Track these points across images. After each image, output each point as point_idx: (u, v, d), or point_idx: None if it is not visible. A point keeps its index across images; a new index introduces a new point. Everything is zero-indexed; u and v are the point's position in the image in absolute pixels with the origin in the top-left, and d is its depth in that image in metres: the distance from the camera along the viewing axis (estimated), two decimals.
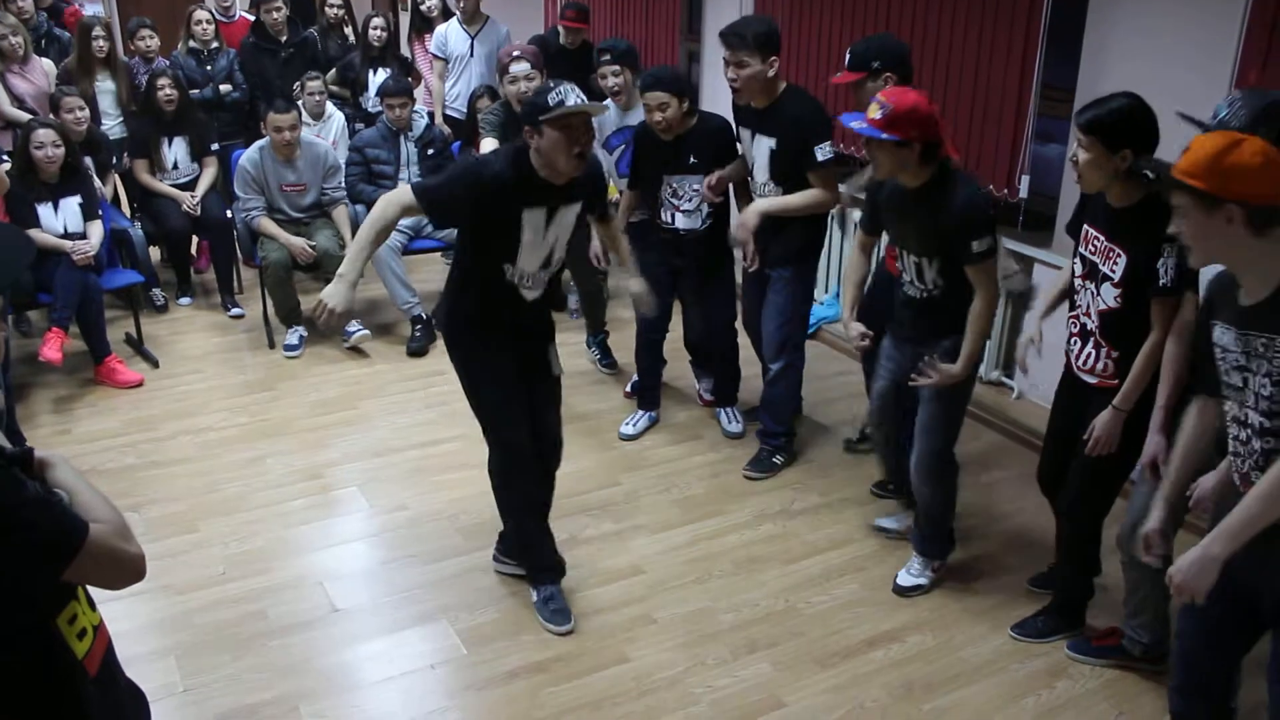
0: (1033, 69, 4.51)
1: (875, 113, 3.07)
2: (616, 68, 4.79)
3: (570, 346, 5.34)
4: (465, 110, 6.22)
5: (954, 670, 3.27)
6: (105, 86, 6.29)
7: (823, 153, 3.95)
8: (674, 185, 4.36)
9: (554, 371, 3.46)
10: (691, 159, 4.30)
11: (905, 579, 3.67)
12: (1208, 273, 2.33)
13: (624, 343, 5.31)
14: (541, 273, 3.25)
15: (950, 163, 3.23)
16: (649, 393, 4.86)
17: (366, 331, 5.64)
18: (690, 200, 4.36)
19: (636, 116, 4.59)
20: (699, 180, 4.31)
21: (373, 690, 3.16)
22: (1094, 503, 3.17)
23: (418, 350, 5.57)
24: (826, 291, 5.95)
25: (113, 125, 6.29)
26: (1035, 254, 4.62)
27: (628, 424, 4.77)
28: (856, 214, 4.77)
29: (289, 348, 5.60)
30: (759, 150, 4.09)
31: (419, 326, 5.64)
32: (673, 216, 4.41)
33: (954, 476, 3.61)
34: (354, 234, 5.83)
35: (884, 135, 3.05)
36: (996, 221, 3.34)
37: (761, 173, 4.13)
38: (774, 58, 3.93)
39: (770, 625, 3.47)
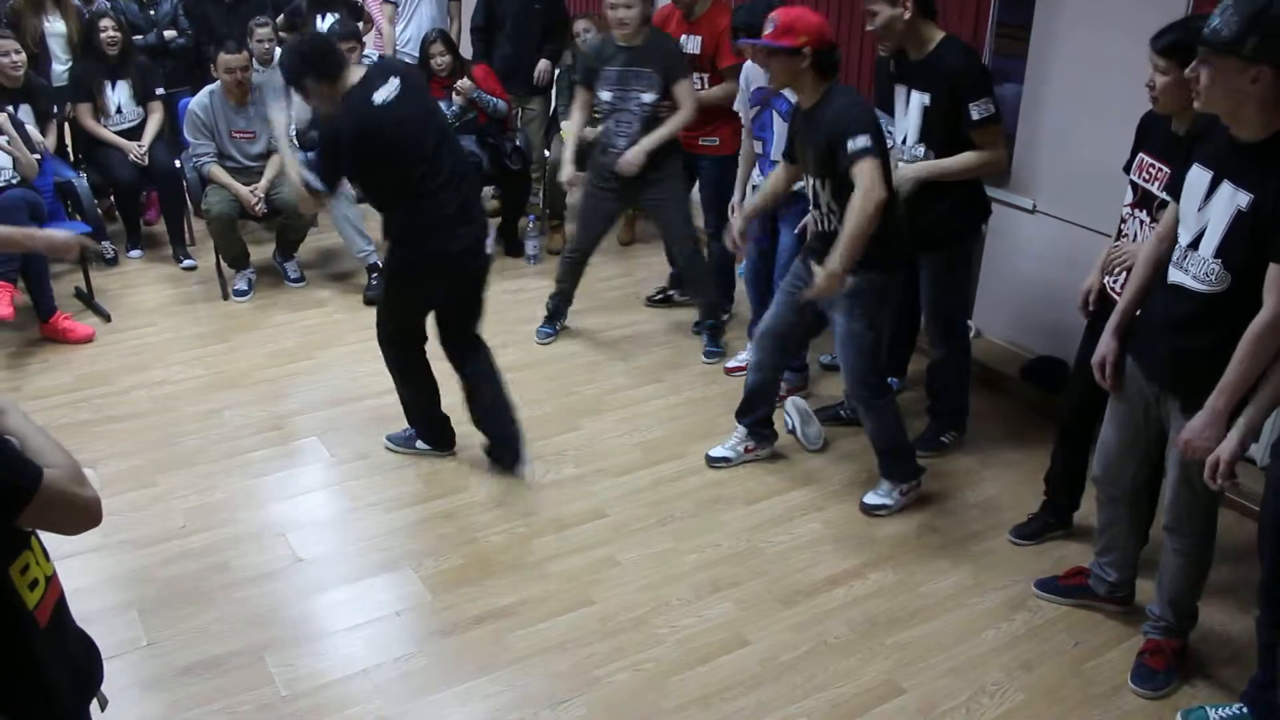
0: (988, 7, 4.49)
1: (768, 28, 3.29)
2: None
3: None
4: (417, 55, 6.11)
5: (915, 605, 3.32)
6: (55, 28, 6.10)
7: (979, 110, 3.56)
8: None
9: None
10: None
11: (872, 498, 3.78)
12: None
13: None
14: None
15: (839, 83, 3.41)
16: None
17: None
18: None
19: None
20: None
21: (338, 638, 3.16)
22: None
23: (374, 298, 5.50)
24: None
25: (63, 70, 6.08)
26: (991, 193, 4.63)
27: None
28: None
29: (238, 292, 5.58)
30: (912, 106, 3.71)
31: (375, 274, 5.56)
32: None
33: (887, 402, 3.70)
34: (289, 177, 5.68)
35: (775, 44, 3.27)
36: (877, 125, 3.33)
37: (912, 134, 3.75)
38: None
39: (733, 565, 3.50)
